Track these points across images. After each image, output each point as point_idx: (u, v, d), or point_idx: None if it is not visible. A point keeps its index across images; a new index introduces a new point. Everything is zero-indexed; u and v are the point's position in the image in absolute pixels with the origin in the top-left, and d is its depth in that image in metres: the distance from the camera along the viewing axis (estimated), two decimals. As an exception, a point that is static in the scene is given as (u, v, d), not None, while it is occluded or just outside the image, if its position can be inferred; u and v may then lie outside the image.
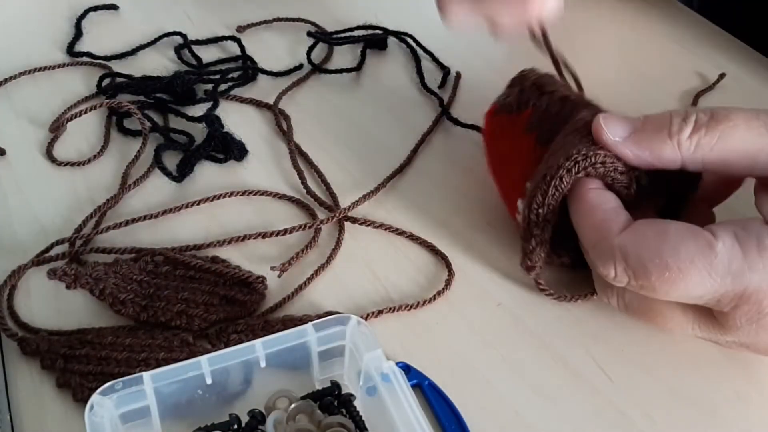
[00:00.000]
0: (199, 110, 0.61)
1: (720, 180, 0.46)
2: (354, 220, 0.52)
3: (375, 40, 0.68)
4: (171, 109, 0.62)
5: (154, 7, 0.73)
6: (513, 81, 0.52)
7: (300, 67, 0.66)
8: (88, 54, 0.67)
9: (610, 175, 0.43)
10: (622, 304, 0.43)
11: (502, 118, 0.51)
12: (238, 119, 0.61)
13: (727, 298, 0.38)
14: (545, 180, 0.44)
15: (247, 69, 0.65)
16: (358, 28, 0.69)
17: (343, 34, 0.69)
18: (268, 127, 0.61)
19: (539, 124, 0.49)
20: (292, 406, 0.40)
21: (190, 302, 0.46)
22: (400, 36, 0.68)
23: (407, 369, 0.43)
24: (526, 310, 0.47)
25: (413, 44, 0.67)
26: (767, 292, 0.37)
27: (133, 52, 0.67)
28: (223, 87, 0.64)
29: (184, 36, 0.69)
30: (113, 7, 0.73)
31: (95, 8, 0.72)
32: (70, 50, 0.68)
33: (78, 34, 0.69)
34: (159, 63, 0.67)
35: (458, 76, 0.65)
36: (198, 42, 0.68)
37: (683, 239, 0.38)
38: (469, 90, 0.63)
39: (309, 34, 0.68)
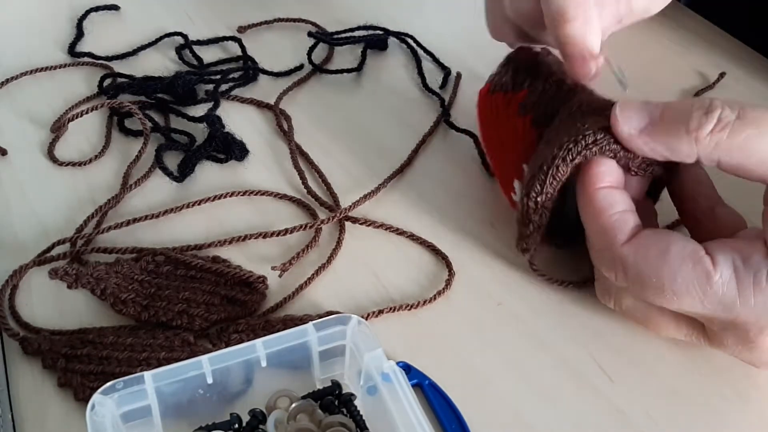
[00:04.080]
0: (200, 110, 0.62)
1: None
2: (354, 220, 0.52)
3: (375, 40, 0.68)
4: (172, 109, 0.62)
5: (155, 7, 0.73)
6: (508, 59, 0.52)
7: (301, 67, 0.66)
8: (90, 54, 0.67)
9: (606, 153, 0.42)
10: (619, 308, 0.44)
11: (498, 96, 0.51)
12: (239, 119, 0.61)
13: (716, 321, 0.39)
14: (542, 170, 0.44)
15: (248, 69, 0.65)
16: (359, 28, 0.69)
17: (343, 35, 0.69)
18: (268, 127, 0.61)
19: (535, 107, 0.49)
20: (293, 405, 0.40)
21: (191, 302, 0.46)
22: (401, 36, 0.68)
23: (408, 369, 0.44)
24: (527, 309, 0.47)
25: (414, 45, 0.67)
26: (754, 324, 0.38)
27: (134, 52, 0.67)
28: (224, 87, 0.64)
29: (185, 36, 0.69)
30: (114, 7, 0.73)
31: (96, 8, 0.72)
32: (72, 50, 0.68)
33: (79, 34, 0.69)
34: (160, 63, 0.67)
35: (459, 76, 0.65)
36: (199, 42, 0.68)
37: (683, 265, 0.39)
38: (470, 90, 0.63)
39: (310, 34, 0.68)
